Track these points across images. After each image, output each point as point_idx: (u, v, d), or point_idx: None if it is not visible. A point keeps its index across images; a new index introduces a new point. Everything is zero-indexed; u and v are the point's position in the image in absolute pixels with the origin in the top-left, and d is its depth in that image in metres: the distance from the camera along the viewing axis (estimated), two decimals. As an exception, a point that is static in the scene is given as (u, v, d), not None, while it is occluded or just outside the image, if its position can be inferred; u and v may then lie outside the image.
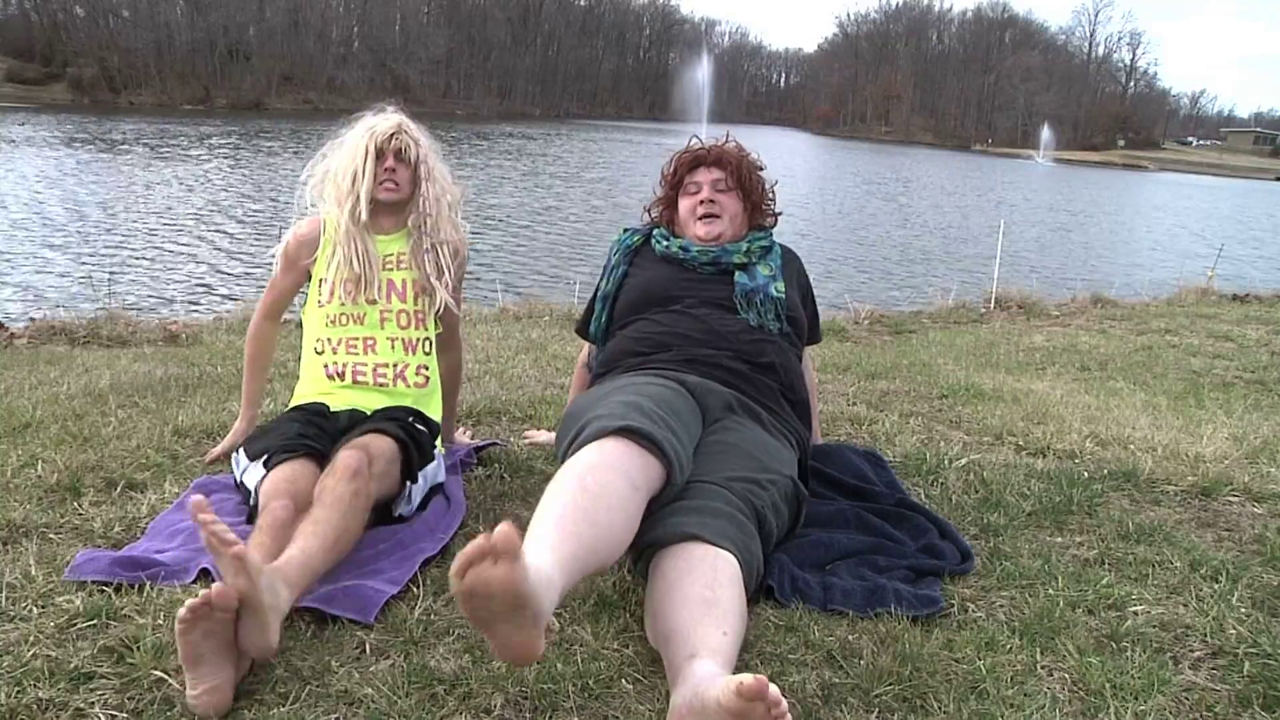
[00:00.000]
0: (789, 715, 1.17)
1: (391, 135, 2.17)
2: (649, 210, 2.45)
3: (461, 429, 2.62)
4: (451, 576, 1.18)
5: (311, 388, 2.16)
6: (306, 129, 35.70)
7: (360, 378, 2.14)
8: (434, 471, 2.06)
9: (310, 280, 2.23)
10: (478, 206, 16.58)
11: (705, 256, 2.23)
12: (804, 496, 1.93)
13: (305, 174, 2.27)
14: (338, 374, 2.14)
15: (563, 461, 1.65)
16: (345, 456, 1.74)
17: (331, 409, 2.06)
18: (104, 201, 15.20)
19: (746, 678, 1.16)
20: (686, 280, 2.22)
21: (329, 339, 2.16)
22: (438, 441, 2.15)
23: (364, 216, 2.15)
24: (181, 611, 1.27)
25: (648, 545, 1.58)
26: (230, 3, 58.52)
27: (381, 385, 2.14)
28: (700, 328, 2.11)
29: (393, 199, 2.19)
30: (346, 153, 2.19)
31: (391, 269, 2.19)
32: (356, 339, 2.15)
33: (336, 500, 1.66)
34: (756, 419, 1.98)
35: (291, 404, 2.18)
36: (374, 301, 2.16)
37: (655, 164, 2.51)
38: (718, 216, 2.27)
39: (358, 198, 2.14)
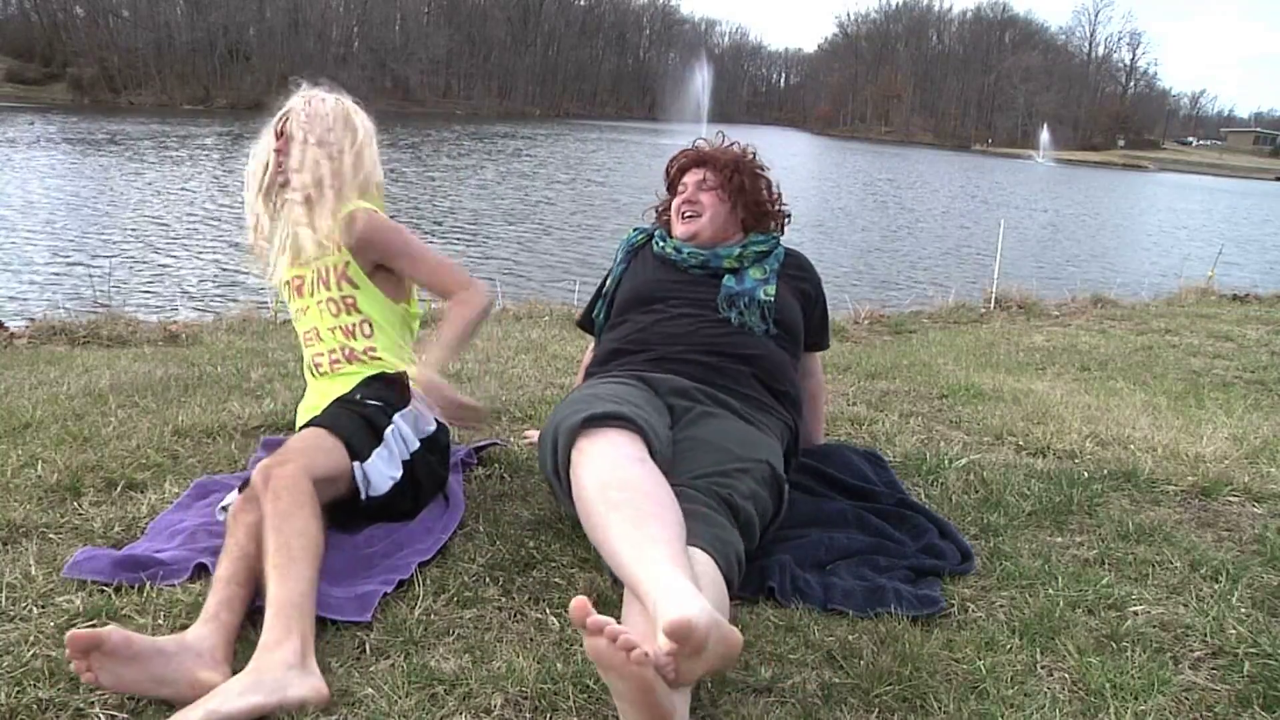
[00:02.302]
0: (638, 645, 1.15)
1: (282, 117, 2.12)
2: (656, 210, 2.49)
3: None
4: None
5: (307, 391, 2.18)
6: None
7: (320, 369, 2.13)
8: (400, 439, 1.94)
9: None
10: (476, 208, 16.60)
11: (695, 260, 2.24)
12: (783, 481, 1.90)
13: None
14: (313, 367, 2.15)
15: (552, 475, 1.73)
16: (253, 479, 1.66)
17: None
18: (104, 201, 15.21)
19: (571, 609, 1.16)
20: (674, 282, 2.23)
21: (302, 332, 2.17)
22: (409, 405, 2.01)
23: (268, 198, 2.11)
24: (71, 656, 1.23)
25: None
26: (230, 3, 58.51)
27: (337, 370, 2.10)
28: (676, 328, 2.13)
29: (283, 179, 2.10)
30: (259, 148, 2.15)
31: (310, 263, 2.11)
32: (310, 331, 2.14)
33: (269, 526, 1.56)
34: (727, 407, 1.96)
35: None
36: (311, 294, 2.12)
37: (654, 164, 2.54)
38: (696, 215, 2.29)
39: (261, 186, 2.11)
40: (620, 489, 1.51)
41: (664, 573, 1.31)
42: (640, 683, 1.16)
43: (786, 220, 2.41)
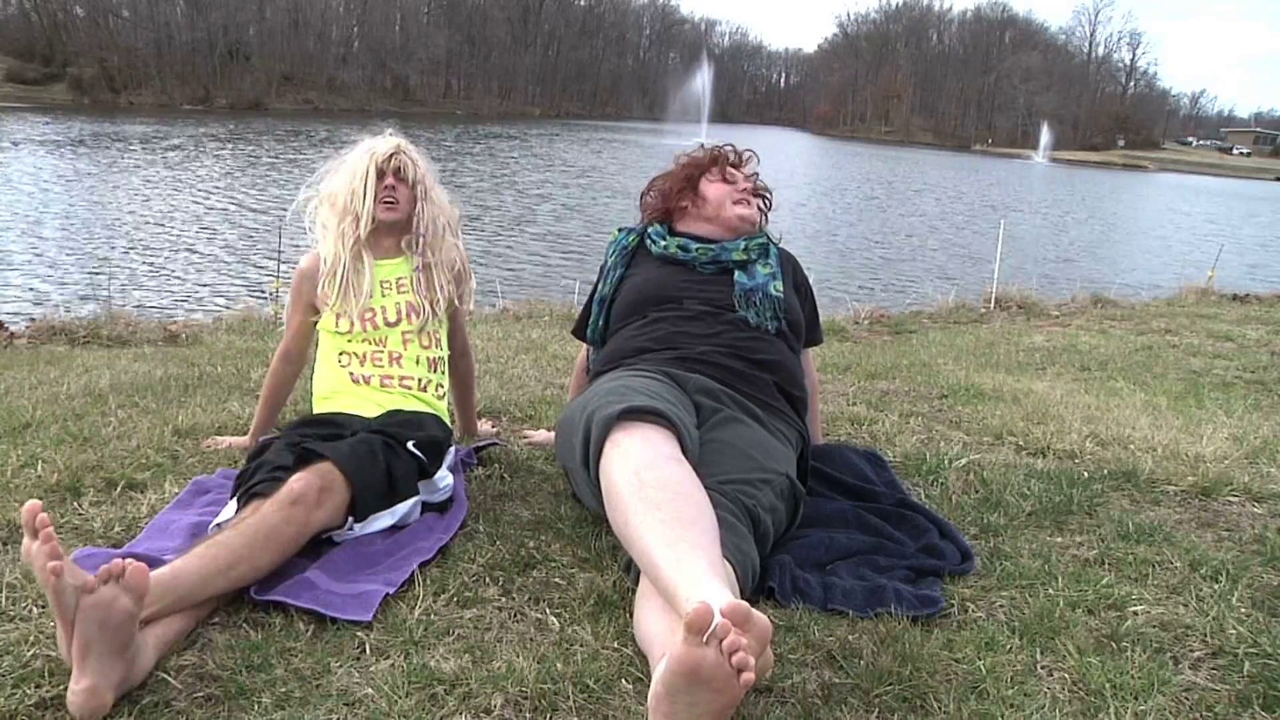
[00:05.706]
0: (747, 653, 1.13)
1: (391, 155, 2.21)
2: (648, 195, 2.45)
3: (483, 420, 2.72)
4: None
5: (334, 391, 2.15)
6: (306, 129, 35.69)
7: (388, 384, 2.15)
8: (409, 508, 1.92)
9: (324, 311, 2.24)
10: (475, 207, 16.58)
11: (705, 255, 2.25)
12: (801, 495, 1.93)
13: (303, 194, 2.29)
14: (364, 380, 2.14)
15: (580, 465, 1.70)
16: (294, 480, 1.66)
17: (363, 416, 2.05)
18: (104, 201, 15.20)
19: (689, 615, 1.13)
20: (686, 280, 2.23)
21: (354, 353, 2.17)
22: (445, 459, 2.07)
23: (363, 234, 2.18)
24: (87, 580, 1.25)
25: None
26: (230, 3, 58.46)
27: (407, 390, 2.16)
28: (697, 327, 2.13)
29: (391, 218, 2.22)
30: (346, 173, 2.22)
31: (407, 291, 2.22)
32: (382, 353, 2.17)
33: (256, 525, 1.57)
34: (753, 416, 1.99)
35: (315, 410, 2.17)
36: (393, 324, 2.19)
37: (654, 164, 2.53)
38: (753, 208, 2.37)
39: (356, 217, 2.17)
40: (659, 488, 1.50)
41: (708, 584, 1.31)
42: (731, 701, 1.17)
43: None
